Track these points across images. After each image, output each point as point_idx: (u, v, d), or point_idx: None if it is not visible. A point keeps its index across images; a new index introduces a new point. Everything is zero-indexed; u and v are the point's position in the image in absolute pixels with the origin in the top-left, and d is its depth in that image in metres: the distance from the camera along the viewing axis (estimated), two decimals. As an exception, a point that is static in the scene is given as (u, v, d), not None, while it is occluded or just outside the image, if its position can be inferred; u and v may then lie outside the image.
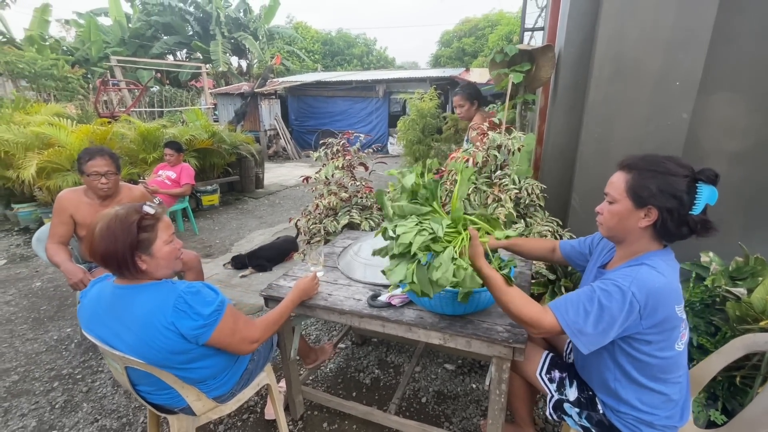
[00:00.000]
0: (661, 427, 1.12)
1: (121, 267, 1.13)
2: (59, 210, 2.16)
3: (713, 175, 1.01)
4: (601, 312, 1.00)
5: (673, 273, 1.07)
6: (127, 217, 1.13)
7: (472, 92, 2.76)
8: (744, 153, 2.12)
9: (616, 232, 1.13)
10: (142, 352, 1.14)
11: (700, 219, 1.02)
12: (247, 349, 1.28)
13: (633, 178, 1.06)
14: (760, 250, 2.01)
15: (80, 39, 14.53)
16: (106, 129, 4.61)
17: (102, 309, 1.19)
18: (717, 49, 1.95)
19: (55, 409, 1.98)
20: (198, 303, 1.14)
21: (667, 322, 1.03)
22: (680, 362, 1.11)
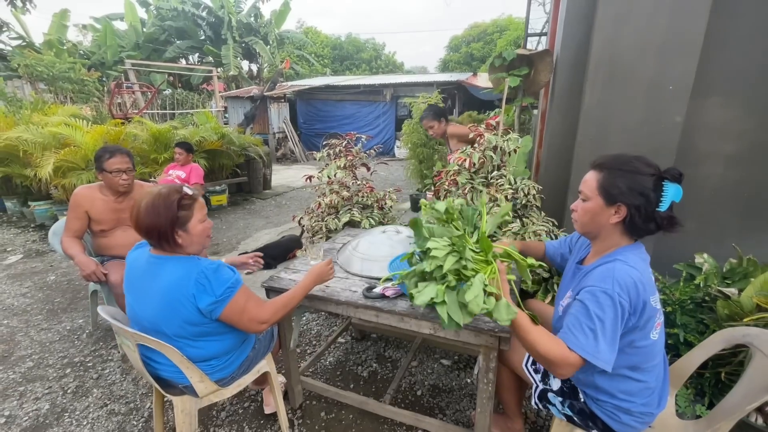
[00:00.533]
0: (638, 414, 1.17)
1: (161, 239, 1.26)
2: (75, 205, 2.27)
3: (678, 174, 1.07)
4: (603, 325, 1.02)
5: (645, 265, 1.13)
6: (169, 195, 1.26)
7: (437, 111, 3.08)
8: (738, 156, 2.15)
9: (590, 228, 1.19)
10: (163, 315, 1.26)
11: (666, 215, 1.08)
12: (256, 328, 1.35)
13: (604, 177, 1.12)
14: (754, 252, 2.05)
15: (96, 43, 14.95)
16: (120, 129, 4.77)
17: (136, 274, 1.33)
18: (709, 55, 1.99)
19: (67, 393, 2.07)
20: (216, 279, 1.25)
21: (645, 314, 1.09)
22: (656, 350, 1.16)
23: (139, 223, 1.25)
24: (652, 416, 1.20)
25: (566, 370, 1.03)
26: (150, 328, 1.31)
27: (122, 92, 8.28)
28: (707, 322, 1.79)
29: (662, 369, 1.22)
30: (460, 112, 10.58)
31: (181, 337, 1.30)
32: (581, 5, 2.27)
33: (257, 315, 1.33)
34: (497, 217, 1.22)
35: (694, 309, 1.86)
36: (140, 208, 1.25)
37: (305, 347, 2.47)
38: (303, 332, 2.62)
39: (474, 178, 2.26)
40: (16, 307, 2.99)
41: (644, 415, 1.18)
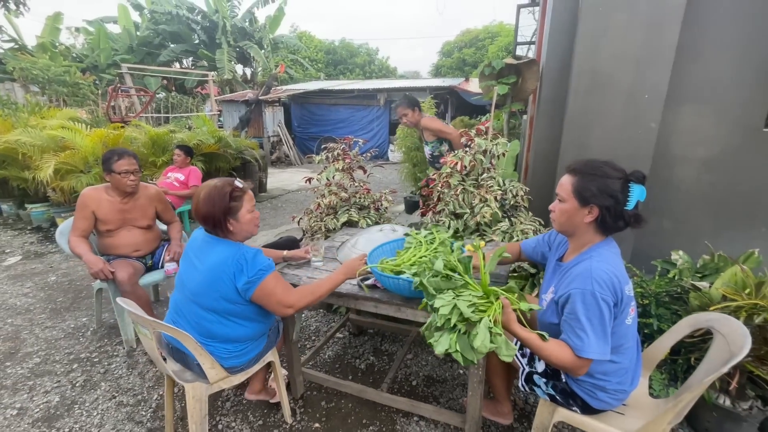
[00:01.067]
0: (613, 391, 1.30)
1: (216, 226, 1.45)
2: (82, 206, 2.36)
3: (641, 176, 1.21)
4: (592, 324, 1.16)
5: (616, 258, 1.27)
6: (222, 187, 1.44)
7: (411, 100, 3.10)
8: (710, 160, 2.31)
9: (567, 227, 1.32)
10: (205, 287, 1.43)
11: (633, 213, 1.21)
12: (283, 311, 1.48)
13: (577, 181, 1.24)
14: (725, 248, 2.21)
15: (89, 46, 14.92)
16: (119, 133, 4.84)
17: (192, 248, 1.53)
18: (681, 66, 2.16)
19: (75, 387, 2.15)
20: (252, 262, 1.41)
21: (623, 303, 1.22)
22: (629, 334, 1.29)
23: (197, 211, 1.45)
24: (626, 393, 1.33)
25: (581, 371, 1.20)
26: (190, 298, 1.47)
27: (119, 95, 8.32)
28: (680, 312, 1.93)
29: (635, 351, 1.35)
30: (453, 117, 10.77)
31: (213, 311, 1.45)
32: (564, 19, 2.43)
33: (284, 298, 1.46)
34: (495, 257, 1.36)
35: (669, 301, 2.01)
36: (199, 198, 1.44)
37: (305, 342, 2.57)
38: (302, 328, 2.72)
39: (465, 180, 2.40)
40: (19, 307, 3.05)
41: (618, 392, 1.31)
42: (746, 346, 1.13)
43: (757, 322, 1.57)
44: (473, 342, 1.12)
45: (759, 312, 1.59)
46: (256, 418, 1.93)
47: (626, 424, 1.33)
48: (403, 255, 1.65)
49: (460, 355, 1.14)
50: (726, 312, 1.65)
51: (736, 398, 1.70)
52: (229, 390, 2.11)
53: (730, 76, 2.16)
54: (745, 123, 2.20)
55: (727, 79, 2.17)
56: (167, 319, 1.60)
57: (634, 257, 2.43)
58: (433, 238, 1.71)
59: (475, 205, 2.28)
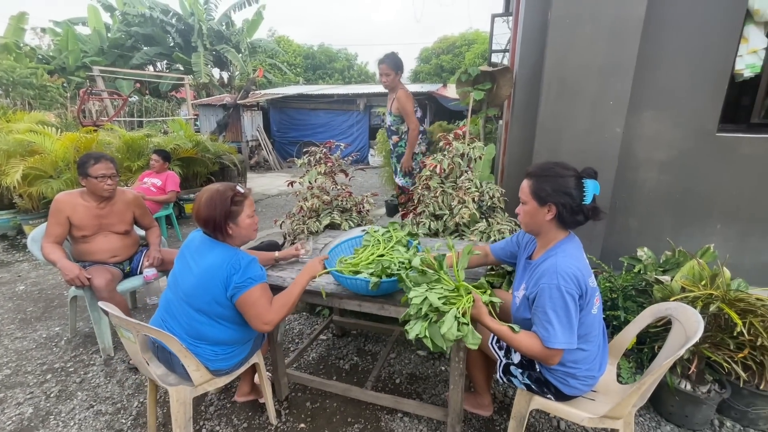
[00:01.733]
0: (583, 377, 1.39)
1: (216, 229, 1.47)
2: (56, 211, 2.30)
3: (592, 172, 1.32)
4: (558, 315, 1.25)
5: (580, 252, 1.37)
6: (224, 192, 1.46)
7: (397, 62, 3.10)
8: (670, 163, 2.48)
9: (532, 227, 1.42)
10: (198, 288, 1.44)
11: (591, 207, 1.31)
12: (260, 327, 1.46)
13: (533, 183, 1.34)
14: (685, 244, 2.37)
15: (57, 48, 14.36)
16: (92, 137, 4.70)
17: (189, 248, 1.55)
18: (641, 75, 2.31)
19: (50, 398, 2.09)
20: (245, 268, 1.42)
21: (587, 294, 1.31)
22: (595, 323, 1.38)
23: (199, 214, 1.47)
24: (595, 379, 1.42)
25: (553, 360, 1.29)
26: (182, 298, 1.47)
27: (91, 98, 8.06)
28: (645, 304, 2.06)
29: (601, 338, 1.44)
30: (432, 122, 10.94)
31: (204, 313, 1.46)
32: (535, 29, 2.56)
33: (265, 313, 1.45)
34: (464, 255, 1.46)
35: (635, 294, 2.14)
36: (200, 202, 1.46)
37: (288, 345, 2.58)
38: (286, 331, 2.72)
39: (444, 183, 2.48)
40: (-15, 318, 2.92)
41: (588, 378, 1.40)
42: (699, 330, 1.24)
43: (712, 311, 1.71)
44: (441, 329, 1.24)
45: (713, 301, 1.73)
46: (241, 421, 1.93)
47: (596, 408, 1.42)
48: (362, 253, 1.72)
49: (430, 341, 1.26)
50: (684, 302, 1.77)
51: (696, 383, 1.83)
52: (213, 394, 2.10)
53: (685, 85, 2.34)
54: (699, 128, 2.37)
55: (683, 87, 2.35)
56: (156, 317, 1.60)
57: (603, 254, 2.57)
58: (390, 236, 1.78)
59: (453, 206, 2.37)
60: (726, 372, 1.76)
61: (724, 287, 1.80)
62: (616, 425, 1.39)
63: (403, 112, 3.12)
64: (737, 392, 1.82)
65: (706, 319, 1.81)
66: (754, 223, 2.43)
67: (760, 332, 1.65)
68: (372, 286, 1.47)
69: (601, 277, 2.21)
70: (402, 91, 3.11)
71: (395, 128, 3.26)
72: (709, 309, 1.72)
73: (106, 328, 2.40)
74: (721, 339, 1.77)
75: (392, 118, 3.21)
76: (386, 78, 3.07)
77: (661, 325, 1.89)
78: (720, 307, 1.70)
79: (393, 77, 3.07)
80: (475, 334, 1.27)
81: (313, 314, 2.94)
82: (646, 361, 1.97)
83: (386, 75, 3.06)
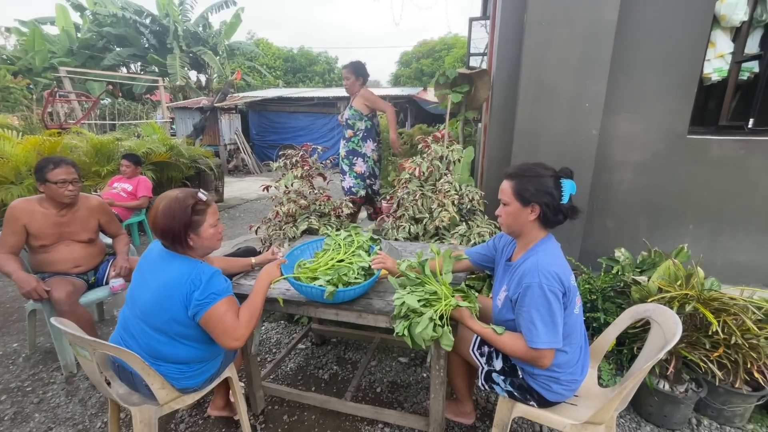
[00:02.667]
0: (566, 382, 1.36)
1: (174, 241, 1.34)
2: (11, 219, 2.15)
3: (569, 172, 1.34)
4: (541, 314, 1.24)
5: (559, 251, 1.37)
6: (184, 200, 1.34)
7: (359, 69, 3.28)
8: (643, 164, 2.52)
9: (514, 228, 1.41)
10: (155, 307, 1.33)
11: (569, 206, 1.33)
12: (229, 344, 1.35)
13: (516, 184, 1.34)
14: (660, 245, 2.40)
15: (23, 48, 13.76)
16: (56, 141, 4.47)
17: (147, 261, 1.43)
18: (616, 78, 2.35)
19: (3, 421, 1.94)
20: (207, 283, 1.31)
21: (569, 292, 1.30)
22: (577, 324, 1.37)
23: (155, 224, 1.34)
24: (577, 383, 1.40)
25: (541, 361, 1.27)
26: (139, 316, 1.36)
27: (57, 101, 7.71)
28: (624, 305, 2.08)
29: (583, 341, 1.43)
30: (412, 125, 10.98)
31: (163, 333, 1.35)
32: (512, 31, 2.57)
33: (233, 330, 1.33)
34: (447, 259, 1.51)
35: (614, 295, 2.16)
36: (158, 210, 1.33)
37: (265, 355, 2.48)
38: (263, 341, 2.63)
39: (424, 186, 2.45)
40: (-66, 335, 2.71)
41: (571, 382, 1.37)
42: (678, 333, 1.24)
43: (688, 311, 1.72)
44: (414, 329, 1.31)
45: (689, 301, 1.74)
46: (213, 439, 1.83)
47: (578, 413, 1.40)
48: (321, 258, 1.67)
49: (409, 339, 1.34)
50: (662, 302, 1.79)
51: (674, 382, 1.84)
52: (184, 410, 1.99)
53: (657, 87, 2.38)
54: (670, 130, 2.42)
55: (654, 89, 2.39)
56: (114, 335, 1.48)
57: (581, 255, 2.59)
58: (351, 240, 1.74)
59: (433, 209, 2.33)
60: (702, 371, 1.78)
61: (699, 287, 1.82)
62: (599, 430, 1.37)
63: (372, 103, 3.22)
64: (713, 391, 1.84)
65: (683, 319, 1.83)
66: (724, 223, 2.50)
67: (734, 331, 1.67)
68: (327, 295, 1.42)
69: (581, 279, 2.21)
70: (366, 90, 3.27)
71: (352, 122, 3.28)
72: (685, 309, 1.73)
73: (68, 343, 2.25)
74: (697, 338, 1.79)
75: (351, 111, 3.26)
76: (347, 81, 3.27)
77: (639, 326, 1.90)
78: (695, 307, 1.72)
79: (353, 81, 3.23)
80: (448, 336, 1.31)
81: (291, 323, 2.85)
82: (625, 362, 1.97)
83: (347, 79, 3.25)
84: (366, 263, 1.63)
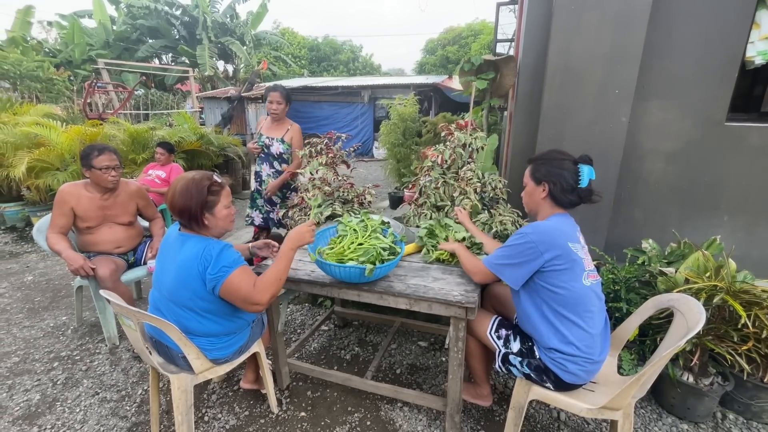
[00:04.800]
0: (583, 362, 1.37)
1: (191, 220, 1.42)
2: (60, 202, 2.32)
3: (587, 158, 1.45)
4: (511, 251, 1.43)
5: (566, 223, 1.46)
6: (201, 181, 1.42)
7: (288, 94, 3.16)
8: (676, 152, 2.43)
9: (531, 206, 1.57)
10: (178, 285, 1.42)
11: (586, 189, 1.42)
12: (251, 309, 1.43)
13: (532, 167, 1.53)
14: (691, 236, 2.33)
15: (63, 41, 14.44)
16: (97, 130, 4.73)
17: (166, 246, 1.53)
18: (649, 63, 2.26)
19: (56, 385, 2.13)
20: (217, 257, 1.39)
21: (565, 255, 1.36)
22: (591, 297, 1.39)
23: (173, 203, 1.41)
24: (595, 364, 1.40)
25: (479, 276, 1.55)
26: (166, 296, 1.46)
27: (96, 92, 8.10)
28: (648, 296, 2.04)
29: (602, 321, 1.45)
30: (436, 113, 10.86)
31: (189, 309, 1.44)
32: (539, 16, 2.51)
33: (250, 296, 1.40)
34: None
35: (638, 286, 2.12)
36: (175, 190, 1.40)
37: (290, 335, 2.60)
38: (288, 322, 2.74)
39: (446, 174, 2.46)
40: (-6, 307, 2.98)
41: (587, 362, 1.37)
42: (701, 322, 1.22)
43: (716, 302, 1.68)
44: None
45: (717, 293, 1.70)
46: (242, 409, 1.95)
47: (596, 398, 1.42)
48: (340, 243, 1.73)
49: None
50: (688, 293, 1.75)
51: (699, 375, 1.81)
52: (215, 383, 2.13)
53: (694, 73, 2.28)
54: (707, 117, 2.32)
55: (691, 75, 2.29)
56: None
57: (607, 246, 2.54)
58: (365, 225, 1.81)
59: (455, 197, 2.34)
60: (729, 364, 1.74)
61: (729, 279, 1.77)
62: (616, 416, 1.38)
63: (297, 145, 3.14)
64: (741, 385, 1.80)
65: (710, 311, 1.79)
66: (763, 214, 2.38)
67: (765, 324, 1.63)
68: (368, 272, 1.50)
69: (605, 269, 2.18)
70: (297, 126, 3.24)
71: (286, 156, 3.17)
72: (713, 301, 1.70)
73: (111, 317, 2.43)
74: (725, 331, 1.74)
75: (285, 146, 3.15)
76: (278, 106, 3.10)
77: (664, 317, 1.87)
78: (724, 299, 1.67)
79: (284, 107, 3.13)
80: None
81: (314, 305, 2.96)
82: (648, 353, 1.95)
83: (278, 103, 3.09)
84: (385, 244, 1.68)
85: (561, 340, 1.38)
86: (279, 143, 3.16)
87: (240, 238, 4.62)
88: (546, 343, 1.41)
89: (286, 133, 3.19)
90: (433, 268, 1.78)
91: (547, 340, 1.41)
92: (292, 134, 3.20)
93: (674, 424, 1.83)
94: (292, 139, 3.18)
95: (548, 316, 1.41)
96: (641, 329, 1.91)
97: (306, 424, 1.86)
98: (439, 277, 1.68)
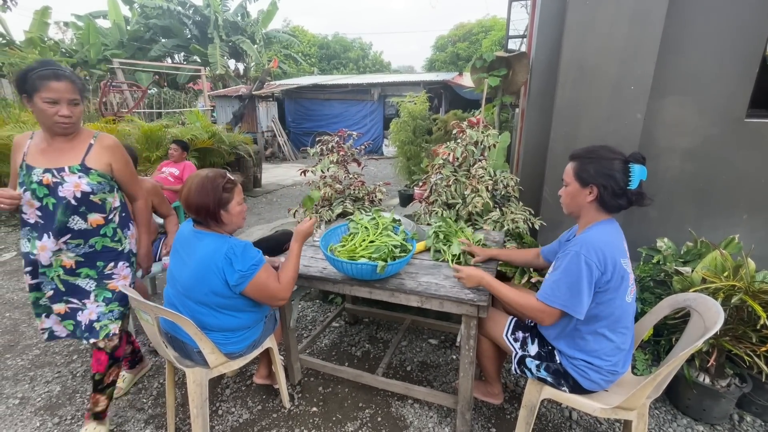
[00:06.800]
0: (606, 372, 1.35)
1: (208, 217, 1.44)
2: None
3: (640, 157, 1.30)
4: (568, 277, 1.26)
5: (616, 233, 1.34)
6: (215, 178, 1.45)
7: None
8: (693, 150, 2.38)
9: (572, 208, 1.42)
10: (194, 282, 1.44)
11: (636, 192, 1.29)
12: (276, 304, 1.55)
13: (577, 165, 1.35)
14: (708, 235, 2.28)
15: (79, 41, 14.69)
16: (112, 128, 4.82)
17: (180, 242, 1.55)
18: (665, 59, 2.22)
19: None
20: (243, 256, 1.42)
21: (617, 272, 1.27)
22: (629, 313, 1.35)
23: (189, 201, 1.43)
24: (617, 375, 1.38)
25: (542, 315, 1.32)
26: (182, 292, 1.48)
27: (111, 91, 8.25)
28: (663, 296, 2.01)
29: (632, 333, 1.41)
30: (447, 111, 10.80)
31: (205, 305, 1.47)
32: (553, 11, 2.48)
33: (276, 292, 1.50)
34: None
35: (653, 285, 2.09)
36: (191, 188, 1.43)
37: (302, 332, 2.62)
38: (299, 318, 2.77)
39: (457, 171, 2.45)
40: (16, 301, 3.06)
41: (611, 373, 1.35)
42: (719, 322, 1.20)
43: (734, 303, 1.65)
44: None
45: (736, 293, 1.67)
46: (255, 404, 1.98)
47: (609, 398, 1.40)
48: (352, 240, 1.75)
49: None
50: (705, 293, 1.72)
51: (715, 376, 1.78)
52: (229, 377, 2.16)
53: (712, 68, 2.22)
54: (726, 114, 2.26)
55: (709, 71, 2.24)
56: None
57: (620, 245, 2.50)
58: (376, 222, 1.82)
59: (467, 195, 2.34)
60: (747, 366, 1.70)
61: (748, 279, 1.73)
62: (630, 416, 1.37)
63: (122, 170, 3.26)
64: (759, 387, 1.77)
65: (728, 311, 1.75)
66: (784, 213, 2.32)
67: (786, 325, 1.59)
68: (380, 269, 1.51)
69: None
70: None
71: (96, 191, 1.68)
72: (731, 301, 1.66)
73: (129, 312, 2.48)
74: (743, 332, 1.71)
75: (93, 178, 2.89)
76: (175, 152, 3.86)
77: (679, 317, 1.84)
78: (743, 299, 1.64)
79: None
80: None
81: (325, 302, 2.98)
82: (662, 354, 1.92)
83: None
84: (397, 242, 1.69)
85: (590, 353, 1.34)
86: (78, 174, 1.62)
87: (251, 234, 4.67)
88: (572, 354, 1.38)
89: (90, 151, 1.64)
90: (444, 266, 1.78)
91: (574, 352, 1.37)
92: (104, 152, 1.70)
93: (689, 425, 1.81)
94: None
95: (583, 333, 1.35)
96: (656, 329, 1.88)
97: (318, 419, 1.88)
98: (450, 275, 1.68)
